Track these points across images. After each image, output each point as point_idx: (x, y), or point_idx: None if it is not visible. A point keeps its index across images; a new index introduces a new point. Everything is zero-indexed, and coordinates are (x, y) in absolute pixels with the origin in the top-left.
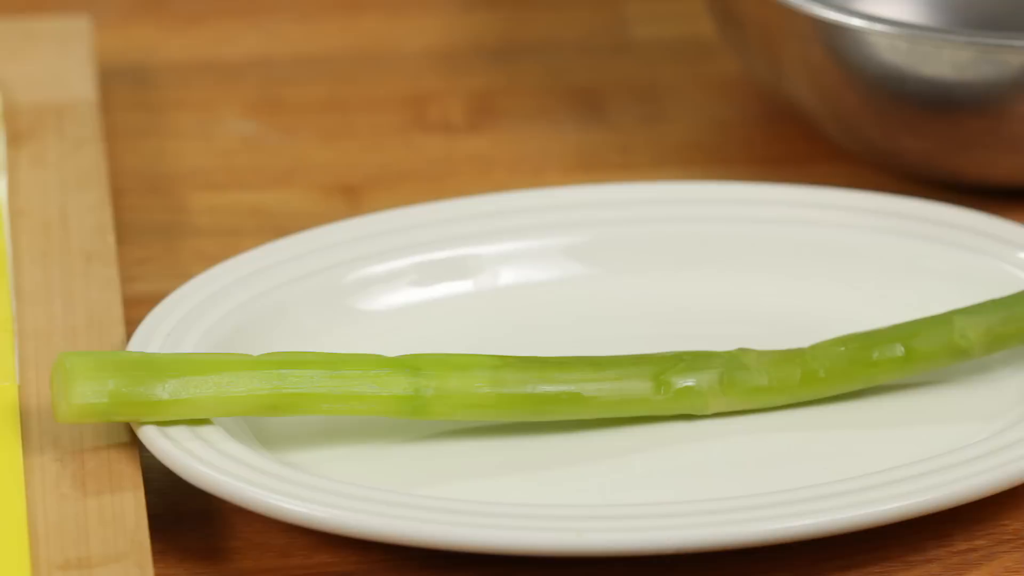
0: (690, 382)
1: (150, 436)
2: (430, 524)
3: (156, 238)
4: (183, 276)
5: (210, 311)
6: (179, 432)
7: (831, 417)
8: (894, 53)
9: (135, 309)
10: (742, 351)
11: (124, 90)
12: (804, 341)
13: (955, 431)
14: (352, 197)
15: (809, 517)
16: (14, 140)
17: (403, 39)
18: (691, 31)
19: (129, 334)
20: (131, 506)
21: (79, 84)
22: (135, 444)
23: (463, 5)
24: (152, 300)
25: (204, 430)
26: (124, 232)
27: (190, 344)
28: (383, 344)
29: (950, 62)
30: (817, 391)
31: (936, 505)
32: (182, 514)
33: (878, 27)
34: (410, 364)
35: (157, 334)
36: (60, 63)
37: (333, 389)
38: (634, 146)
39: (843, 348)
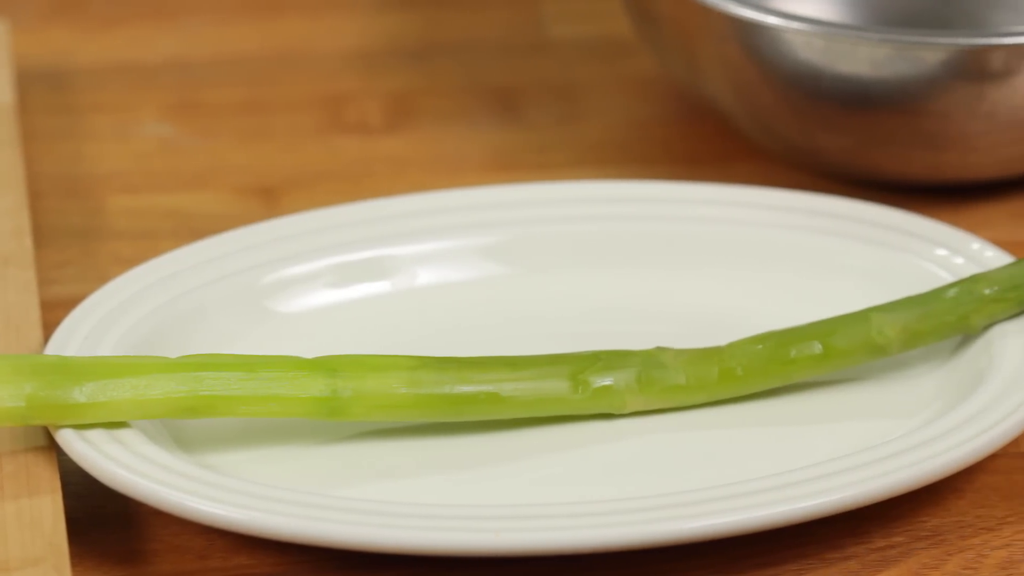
0: (608, 381)
1: (68, 439)
2: (348, 525)
3: (73, 241)
4: (101, 279)
5: (128, 314)
6: (97, 435)
7: (749, 415)
8: (811, 51)
9: (53, 312)
10: (660, 350)
11: (41, 93)
12: (722, 339)
13: (873, 428)
14: (269, 199)
15: (727, 515)
16: None
17: (320, 41)
18: (609, 30)
19: (47, 337)
20: (48, 510)
21: None
22: (52, 448)
23: (380, 6)
24: (70, 303)
25: (122, 433)
26: (41, 235)
27: (108, 347)
28: (300, 346)
29: (867, 59)
30: (735, 389)
31: (854, 502)
32: (100, 518)
33: (794, 25)
34: (327, 366)
35: (75, 337)
36: None
37: (250, 391)
38: (552, 145)
39: (761, 346)
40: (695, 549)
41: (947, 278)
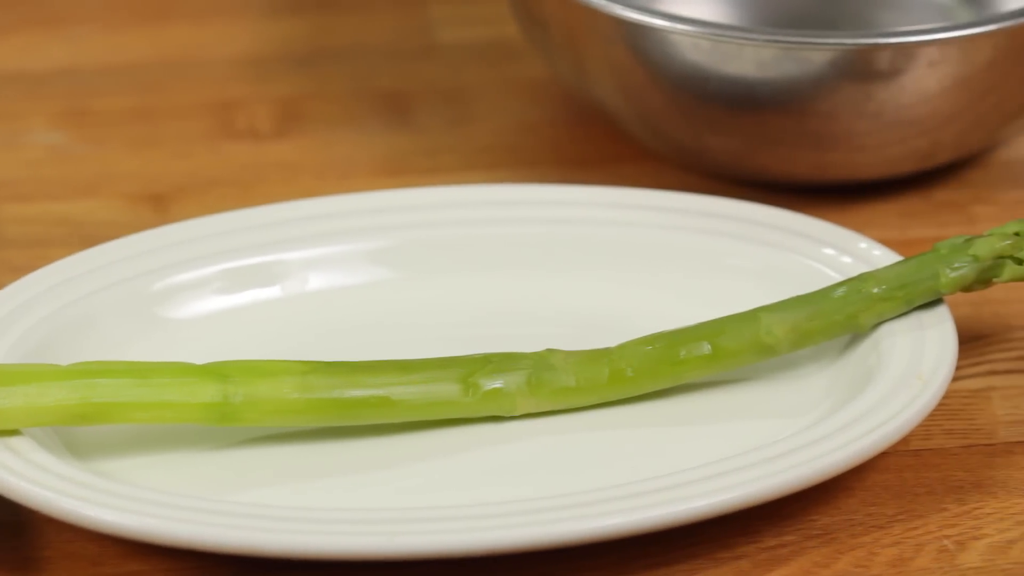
0: (498, 384)
1: None
2: (240, 530)
3: None
4: None
5: (19, 322)
6: None
7: (639, 416)
8: (697, 53)
9: None
10: (549, 352)
11: None
12: (611, 341)
13: (763, 427)
14: (160, 205)
15: (618, 516)
16: None
17: (209, 47)
18: (497, 34)
19: None
20: None
21: None
22: None
23: (269, 12)
24: None
25: (13, 440)
26: None
27: None
28: (192, 352)
29: (753, 61)
30: (625, 390)
31: (744, 501)
32: None
33: (680, 27)
34: (218, 371)
35: None
36: None
37: (142, 398)
38: (441, 149)
39: (650, 347)
40: (587, 551)
41: (835, 277)
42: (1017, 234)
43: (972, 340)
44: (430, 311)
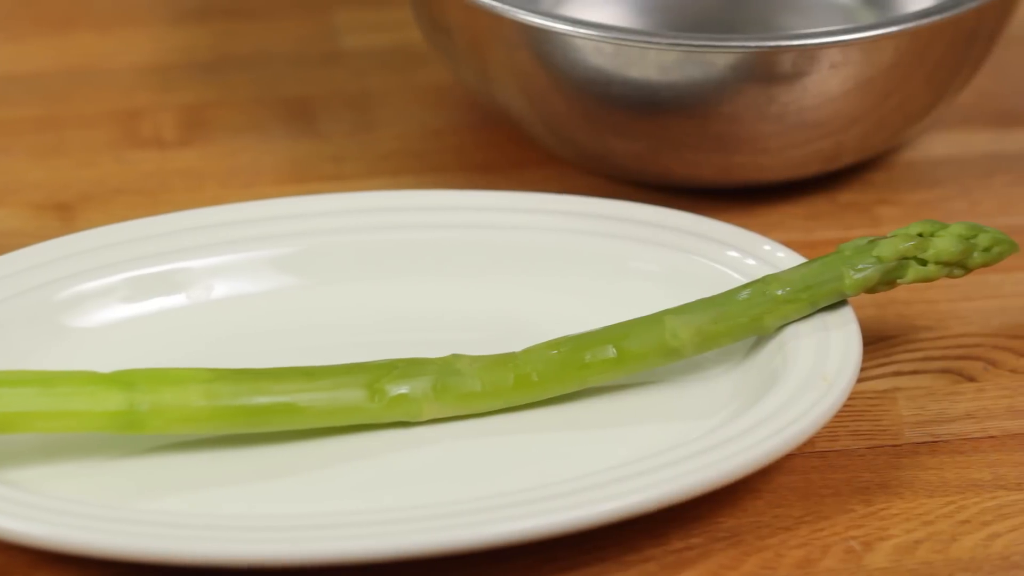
0: (404, 389)
1: None
2: (146, 538)
3: None
4: None
5: None
6: None
7: (546, 420)
8: (600, 57)
9: None
10: (455, 357)
11: None
12: (517, 345)
13: (670, 430)
14: (66, 214)
15: (525, 520)
16: None
17: (113, 56)
18: (401, 40)
19: None
20: None
21: None
22: None
23: (172, 20)
24: None
25: None
26: None
27: None
28: (97, 360)
29: (656, 64)
30: (531, 394)
31: (651, 504)
32: None
33: (583, 31)
34: (124, 380)
35: None
36: None
37: (47, 407)
38: (346, 156)
39: (555, 351)
40: (494, 555)
41: (740, 280)
42: (920, 235)
43: (877, 341)
44: (336, 317)
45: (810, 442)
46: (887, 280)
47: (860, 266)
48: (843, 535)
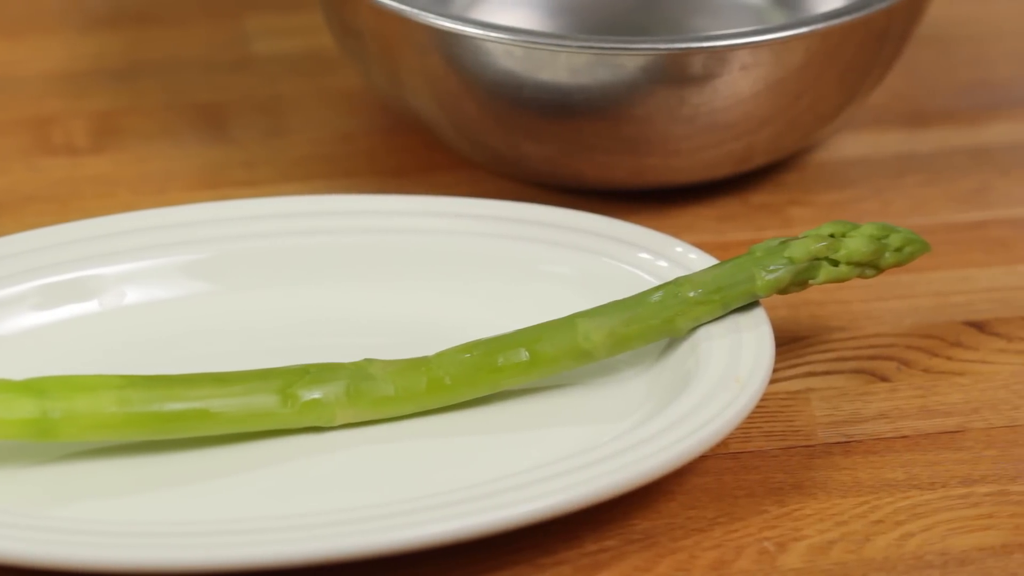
0: (316, 394)
1: None
2: (62, 546)
3: None
4: None
5: None
6: None
7: (459, 424)
8: (510, 60)
9: None
10: (368, 361)
11: None
12: (429, 349)
13: (583, 433)
14: None
15: (438, 524)
16: None
17: (24, 63)
18: (312, 45)
19: None
20: None
21: None
22: None
23: (84, 27)
24: None
25: None
26: None
27: None
28: (9, 368)
29: (566, 67)
30: (444, 398)
31: (564, 507)
32: None
33: (493, 35)
34: (36, 387)
35: None
36: None
37: None
38: (258, 161)
39: (468, 355)
40: (408, 560)
41: (652, 282)
42: (832, 235)
43: (790, 342)
44: (248, 323)
45: (723, 443)
46: (799, 281)
47: (772, 267)
48: (757, 536)
